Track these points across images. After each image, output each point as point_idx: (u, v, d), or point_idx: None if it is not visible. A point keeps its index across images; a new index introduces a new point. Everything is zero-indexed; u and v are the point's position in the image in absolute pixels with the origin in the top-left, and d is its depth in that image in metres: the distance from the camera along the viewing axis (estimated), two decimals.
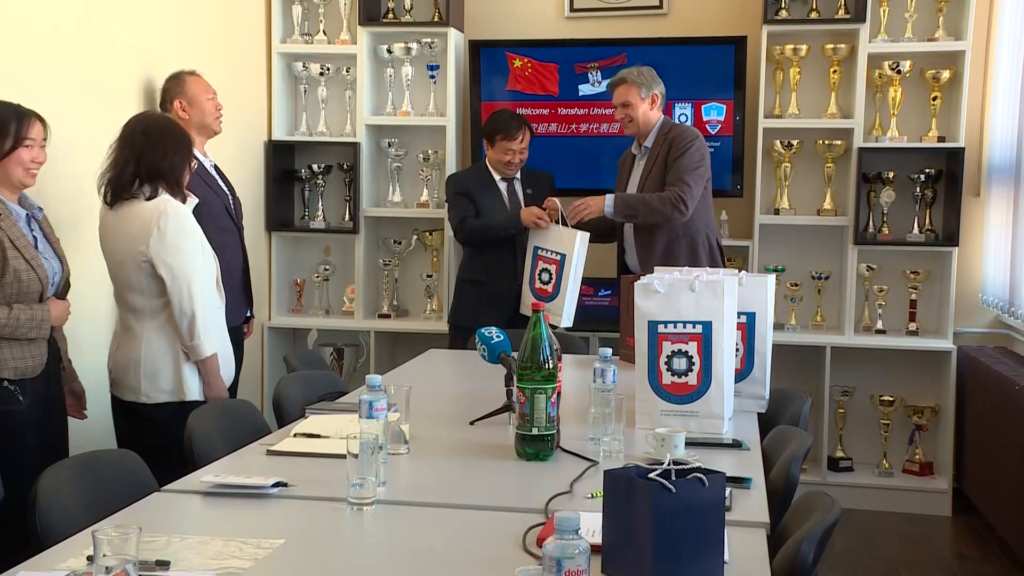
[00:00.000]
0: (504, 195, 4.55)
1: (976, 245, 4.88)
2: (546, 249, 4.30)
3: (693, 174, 4.08)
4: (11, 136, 2.84)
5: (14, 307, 2.81)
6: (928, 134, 4.81)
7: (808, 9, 4.89)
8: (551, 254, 4.28)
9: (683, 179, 4.07)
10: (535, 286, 4.33)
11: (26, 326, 2.83)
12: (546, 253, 4.30)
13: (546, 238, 4.30)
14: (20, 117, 2.87)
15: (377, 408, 2.20)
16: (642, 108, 4.21)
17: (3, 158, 2.84)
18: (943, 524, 4.67)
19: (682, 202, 4.05)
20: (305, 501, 2.15)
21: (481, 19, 5.29)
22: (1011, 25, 4.58)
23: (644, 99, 4.21)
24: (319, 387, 3.27)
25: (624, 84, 4.24)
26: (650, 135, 4.25)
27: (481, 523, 2.04)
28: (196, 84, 3.93)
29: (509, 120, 4.50)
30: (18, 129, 2.86)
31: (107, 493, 2.16)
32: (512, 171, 4.54)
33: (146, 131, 3.13)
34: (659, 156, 4.19)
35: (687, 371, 2.77)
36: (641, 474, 1.68)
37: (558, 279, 4.24)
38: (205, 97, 3.93)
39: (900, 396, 4.92)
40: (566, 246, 4.21)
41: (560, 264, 4.24)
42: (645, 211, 4.11)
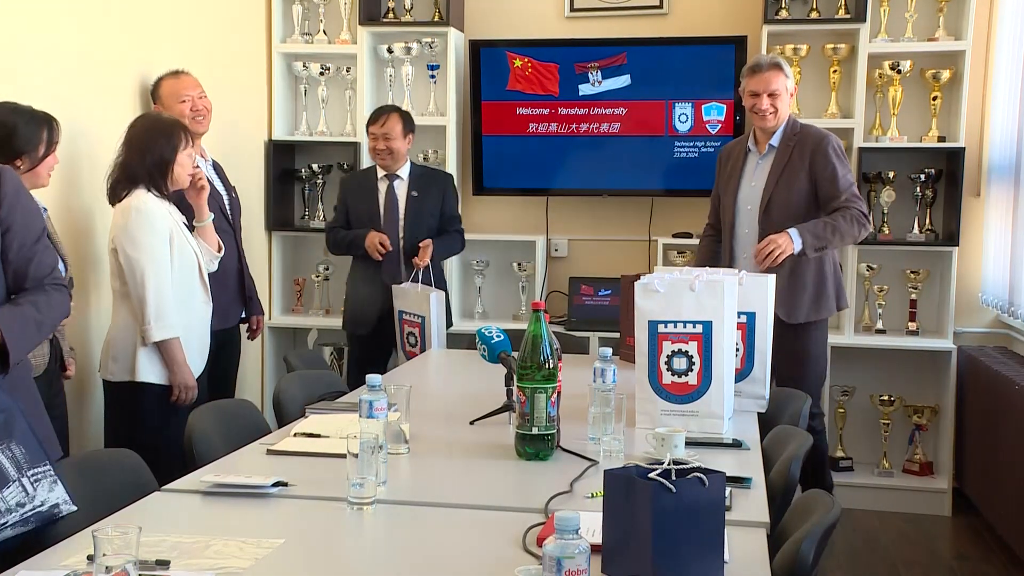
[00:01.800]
0: (381, 196, 4.48)
1: (976, 245, 4.88)
2: (408, 312, 4.31)
3: (855, 187, 3.86)
4: (44, 142, 2.95)
5: None
6: (928, 134, 4.81)
7: (808, 9, 4.89)
8: (413, 317, 4.29)
9: (853, 192, 3.81)
10: (405, 349, 4.35)
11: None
12: (409, 316, 4.31)
13: (406, 300, 4.32)
14: (50, 123, 2.97)
15: (377, 408, 2.20)
16: (786, 100, 3.93)
17: (37, 165, 2.93)
18: (943, 524, 4.67)
19: (865, 217, 3.79)
20: (305, 501, 2.15)
21: (481, 19, 5.29)
22: (1011, 25, 4.57)
23: (789, 91, 3.93)
24: (319, 387, 3.27)
25: (776, 70, 3.89)
26: (776, 133, 3.95)
27: (481, 523, 2.04)
28: (168, 86, 3.90)
29: (382, 107, 4.56)
30: (50, 136, 2.97)
31: (107, 492, 2.16)
32: (384, 160, 4.46)
33: (132, 135, 3.31)
34: (792, 160, 3.88)
35: (687, 371, 2.77)
36: (641, 474, 1.67)
37: (422, 340, 4.25)
38: (176, 100, 3.86)
39: (900, 396, 4.92)
40: (423, 307, 4.22)
41: (422, 326, 4.24)
42: (836, 238, 3.77)
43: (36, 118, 2.96)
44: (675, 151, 4.97)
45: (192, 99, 3.89)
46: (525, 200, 5.28)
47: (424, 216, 4.47)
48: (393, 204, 4.46)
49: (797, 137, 3.91)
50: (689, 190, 5.01)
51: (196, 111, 3.88)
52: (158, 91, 3.92)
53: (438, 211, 4.53)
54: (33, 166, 2.93)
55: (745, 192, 4.00)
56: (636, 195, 5.09)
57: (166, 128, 3.33)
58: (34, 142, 2.92)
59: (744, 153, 4.04)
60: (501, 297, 5.33)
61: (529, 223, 5.29)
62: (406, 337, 4.32)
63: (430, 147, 5.21)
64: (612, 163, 5.04)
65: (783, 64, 3.93)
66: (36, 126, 2.94)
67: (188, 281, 3.34)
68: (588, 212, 5.24)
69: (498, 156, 5.16)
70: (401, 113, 4.48)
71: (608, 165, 5.04)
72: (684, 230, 5.02)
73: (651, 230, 5.11)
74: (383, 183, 4.49)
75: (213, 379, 3.56)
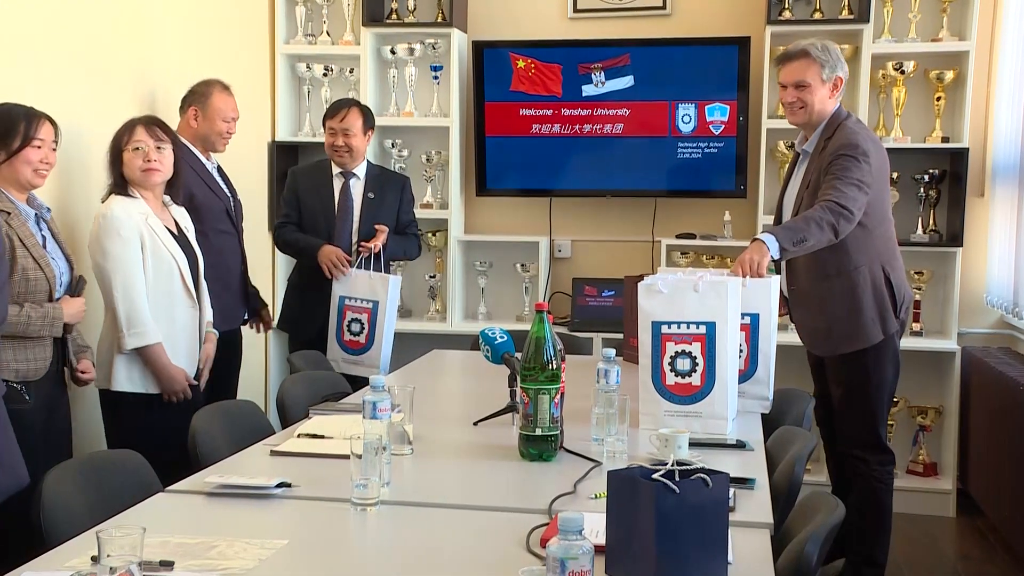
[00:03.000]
0: (335, 194, 4.23)
1: (980, 245, 4.87)
2: (354, 298, 4.07)
3: (846, 181, 3.26)
4: (20, 135, 2.88)
5: (25, 305, 2.83)
6: (932, 134, 4.80)
7: (812, 10, 4.89)
8: (361, 302, 4.06)
9: (833, 185, 3.26)
10: (343, 339, 4.09)
11: (37, 324, 2.84)
12: (354, 302, 4.07)
13: (352, 286, 4.07)
14: (29, 117, 2.92)
15: (381, 409, 2.20)
16: (820, 93, 3.43)
17: (11, 157, 2.87)
18: (947, 525, 4.66)
19: (840, 207, 3.21)
20: (309, 502, 2.16)
21: (484, 20, 5.29)
22: (1015, 25, 4.57)
23: (826, 82, 3.43)
24: (323, 388, 3.28)
25: (804, 59, 3.43)
26: (816, 132, 3.49)
27: (485, 524, 2.04)
28: (221, 100, 3.86)
29: (341, 101, 4.34)
30: (27, 129, 2.90)
31: (111, 493, 2.16)
32: (342, 158, 4.20)
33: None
34: (819, 166, 3.40)
35: (691, 372, 2.77)
36: (645, 475, 1.67)
37: (371, 328, 4.03)
38: (221, 117, 3.84)
39: (904, 396, 4.91)
40: (378, 292, 4.03)
41: (373, 312, 4.03)
42: (813, 228, 3.19)
43: (16, 110, 2.91)
44: (678, 152, 4.96)
45: (232, 123, 3.91)
46: (528, 201, 5.28)
47: (380, 219, 4.21)
48: (348, 204, 4.22)
49: (827, 143, 3.42)
50: (692, 191, 5.01)
51: (231, 134, 3.92)
52: (206, 98, 3.85)
53: (395, 215, 4.29)
54: (8, 157, 2.87)
55: (789, 195, 3.64)
56: (639, 196, 5.09)
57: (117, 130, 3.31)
58: (11, 133, 2.87)
59: (797, 155, 3.67)
60: (504, 298, 5.33)
61: (532, 224, 5.29)
62: (347, 325, 4.08)
63: (433, 148, 5.21)
64: (615, 164, 5.04)
65: (816, 50, 3.43)
66: (14, 118, 2.90)
67: (167, 287, 3.28)
68: (591, 213, 5.24)
69: (501, 157, 5.16)
70: (361, 108, 4.26)
71: (611, 166, 5.04)
72: (687, 231, 5.01)
73: (654, 231, 5.11)
74: (338, 180, 4.24)
75: (215, 381, 3.55)
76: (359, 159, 4.26)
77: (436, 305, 5.26)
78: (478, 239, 5.27)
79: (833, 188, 3.25)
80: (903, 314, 3.54)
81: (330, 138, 4.21)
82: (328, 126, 4.22)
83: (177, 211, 3.43)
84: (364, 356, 4.07)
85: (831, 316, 3.48)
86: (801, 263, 3.47)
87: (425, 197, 5.22)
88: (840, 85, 3.48)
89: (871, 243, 3.42)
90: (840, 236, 3.24)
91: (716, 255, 4.98)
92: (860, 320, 3.44)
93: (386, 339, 4.07)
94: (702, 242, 4.96)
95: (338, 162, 4.22)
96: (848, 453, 3.59)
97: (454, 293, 5.16)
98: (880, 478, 3.59)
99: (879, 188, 3.41)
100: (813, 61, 3.42)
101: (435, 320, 5.22)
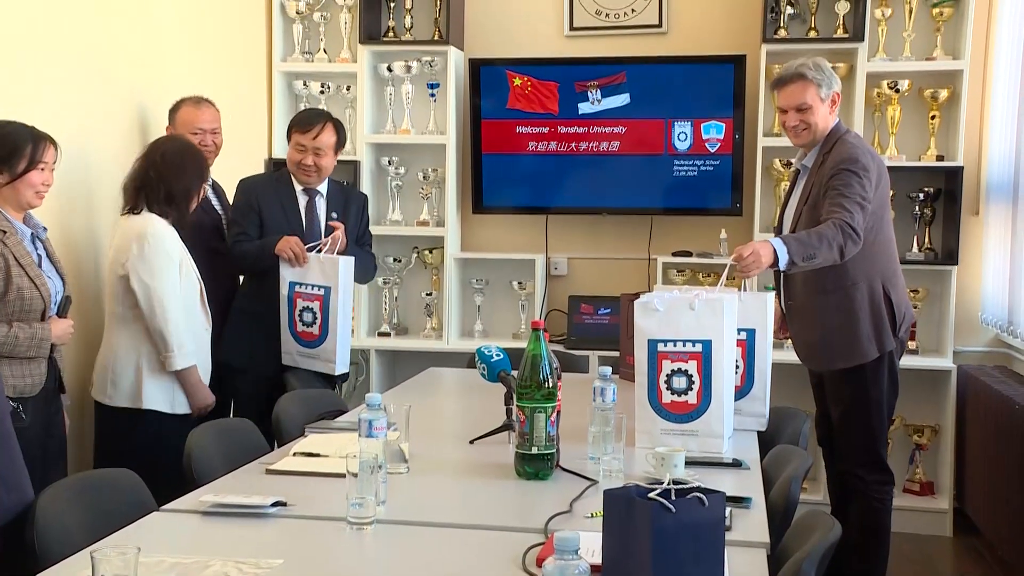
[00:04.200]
0: (301, 213, 3.88)
1: (975, 264, 4.88)
2: (305, 284, 3.74)
3: (851, 200, 3.24)
4: (26, 158, 2.90)
5: (14, 325, 2.83)
6: (927, 153, 4.82)
7: (807, 28, 4.91)
8: (312, 288, 3.72)
9: (840, 204, 3.24)
10: (296, 330, 3.77)
11: (24, 344, 2.85)
12: (305, 288, 3.74)
13: (303, 271, 3.73)
14: (36, 140, 2.93)
15: (377, 427, 2.19)
16: (821, 112, 3.43)
17: (16, 179, 2.90)
18: (944, 544, 4.65)
19: (851, 228, 3.19)
20: (304, 521, 2.15)
21: (481, 37, 5.31)
22: (1008, 44, 4.59)
23: (824, 100, 3.44)
24: (319, 406, 3.27)
25: (800, 81, 3.43)
26: (815, 148, 3.49)
27: (481, 543, 2.03)
28: (186, 114, 3.86)
29: (311, 112, 4.00)
30: (33, 152, 2.92)
31: (106, 513, 2.15)
32: (309, 177, 3.85)
33: (164, 154, 3.38)
34: (817, 183, 3.40)
35: (687, 390, 2.77)
36: (641, 494, 1.67)
37: (324, 316, 3.70)
38: (187, 131, 3.80)
39: (900, 415, 4.90)
40: (328, 276, 3.69)
41: (325, 299, 3.70)
42: (824, 246, 3.15)
43: (23, 132, 2.92)
44: (674, 169, 4.98)
45: (204, 134, 3.84)
46: (525, 218, 5.29)
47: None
48: (315, 225, 3.89)
49: (826, 158, 3.42)
50: (688, 208, 5.02)
51: (204, 146, 3.79)
52: (175, 114, 3.87)
53: (355, 234, 4.01)
54: (12, 179, 2.88)
55: (788, 211, 3.62)
56: (635, 213, 5.10)
57: (199, 160, 3.46)
58: (17, 155, 2.88)
59: (797, 171, 3.68)
60: (501, 316, 5.33)
61: (529, 241, 5.30)
62: (299, 315, 3.74)
63: (430, 165, 5.22)
64: (611, 181, 5.05)
65: (810, 71, 3.43)
66: (21, 140, 2.90)
67: (192, 306, 3.39)
68: (588, 230, 5.25)
69: (498, 174, 5.17)
70: (335, 124, 3.89)
71: (608, 183, 5.05)
72: (683, 248, 5.02)
73: (650, 248, 5.11)
74: (302, 198, 3.90)
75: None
76: (325, 178, 3.94)
77: (432, 323, 5.26)
78: (474, 256, 5.27)
79: (840, 207, 3.23)
80: (902, 333, 3.52)
81: (297, 154, 3.83)
82: (296, 140, 3.84)
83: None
84: (319, 349, 3.74)
85: (827, 331, 3.48)
86: (799, 278, 3.46)
87: (422, 215, 5.23)
88: (838, 100, 3.50)
89: (869, 259, 3.39)
90: (845, 258, 3.23)
91: (712, 273, 4.99)
92: (855, 336, 3.43)
93: (340, 329, 3.72)
94: (698, 260, 4.97)
95: (302, 180, 3.87)
96: (847, 472, 3.59)
97: (450, 311, 5.16)
98: (879, 498, 3.59)
99: (878, 204, 3.40)
100: (810, 82, 3.42)
101: (431, 338, 5.21)
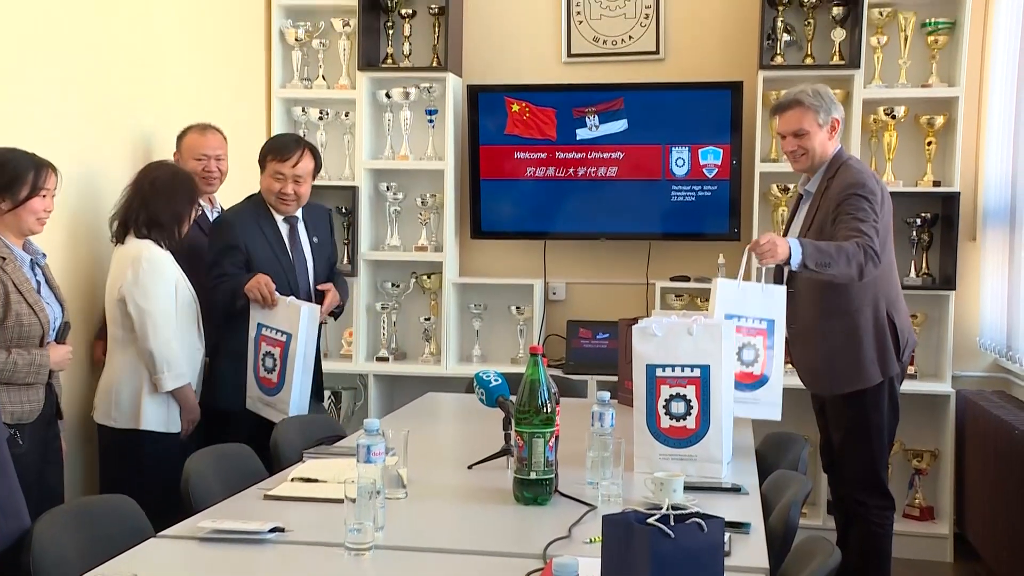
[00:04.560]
0: (286, 244, 3.76)
1: (973, 289, 4.89)
2: (270, 328, 3.56)
3: (869, 223, 3.28)
4: (28, 185, 2.93)
5: (12, 351, 2.84)
6: (924, 179, 4.84)
7: (803, 55, 4.94)
8: (276, 334, 3.55)
9: (858, 228, 3.26)
10: (259, 374, 3.59)
11: (23, 371, 2.86)
12: (270, 333, 3.56)
13: (271, 314, 3.56)
14: (38, 167, 2.96)
15: (375, 452, 2.18)
16: (819, 137, 3.48)
17: (18, 206, 2.92)
18: (945, 570, 4.63)
19: (875, 252, 3.23)
20: (302, 546, 2.14)
21: (479, 64, 5.34)
22: (1003, 71, 4.62)
23: (823, 126, 3.49)
24: (317, 431, 3.26)
25: (798, 108, 3.50)
26: (817, 175, 3.53)
27: (479, 568, 2.02)
28: (192, 140, 3.90)
29: (287, 139, 3.85)
30: (35, 179, 2.94)
31: (103, 539, 2.15)
32: (288, 206, 3.72)
33: (153, 181, 3.44)
34: (821, 209, 3.45)
35: (685, 415, 2.77)
36: (639, 519, 1.67)
37: (283, 364, 3.50)
38: (192, 156, 3.85)
39: (899, 440, 4.89)
40: (291, 322, 3.50)
41: (285, 346, 3.51)
42: (843, 261, 3.18)
43: (25, 160, 2.94)
44: (672, 195, 4.99)
45: (209, 160, 3.88)
46: (523, 244, 5.30)
47: (324, 262, 3.90)
48: (299, 253, 3.79)
49: (830, 183, 3.46)
50: (686, 234, 5.03)
51: (209, 172, 3.86)
52: (182, 140, 3.92)
53: (328, 254, 3.96)
54: (14, 206, 2.90)
55: (791, 235, 3.53)
56: (633, 239, 5.11)
57: (188, 183, 3.54)
58: (19, 183, 2.90)
59: (800, 196, 3.70)
60: (499, 341, 5.33)
61: (527, 266, 5.31)
62: (262, 359, 3.58)
63: (428, 191, 5.23)
64: (609, 207, 5.06)
65: (808, 97, 3.49)
66: (23, 168, 2.92)
67: (188, 327, 3.46)
68: (586, 256, 5.26)
69: (496, 200, 5.19)
70: (312, 150, 3.78)
71: (605, 209, 5.07)
72: (681, 273, 5.03)
73: (648, 273, 5.12)
74: (283, 227, 3.77)
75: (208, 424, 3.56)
76: (302, 206, 3.80)
77: (431, 348, 5.26)
78: (473, 282, 5.28)
79: (859, 230, 3.25)
80: (905, 357, 3.55)
81: (276, 183, 3.67)
82: (274, 169, 3.68)
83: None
84: (275, 398, 3.53)
85: (830, 355, 3.49)
86: (803, 301, 3.48)
87: (420, 240, 5.24)
88: (838, 127, 3.53)
89: (874, 283, 3.40)
90: (864, 278, 3.25)
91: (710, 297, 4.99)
92: (859, 360, 3.45)
93: (296, 381, 3.50)
94: (696, 284, 4.98)
95: (281, 209, 3.73)
96: (848, 496, 3.58)
97: (448, 336, 5.16)
98: (879, 523, 3.60)
99: (883, 229, 3.42)
100: (807, 108, 3.48)
101: (429, 363, 5.21)
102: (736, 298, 3.16)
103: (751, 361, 2.96)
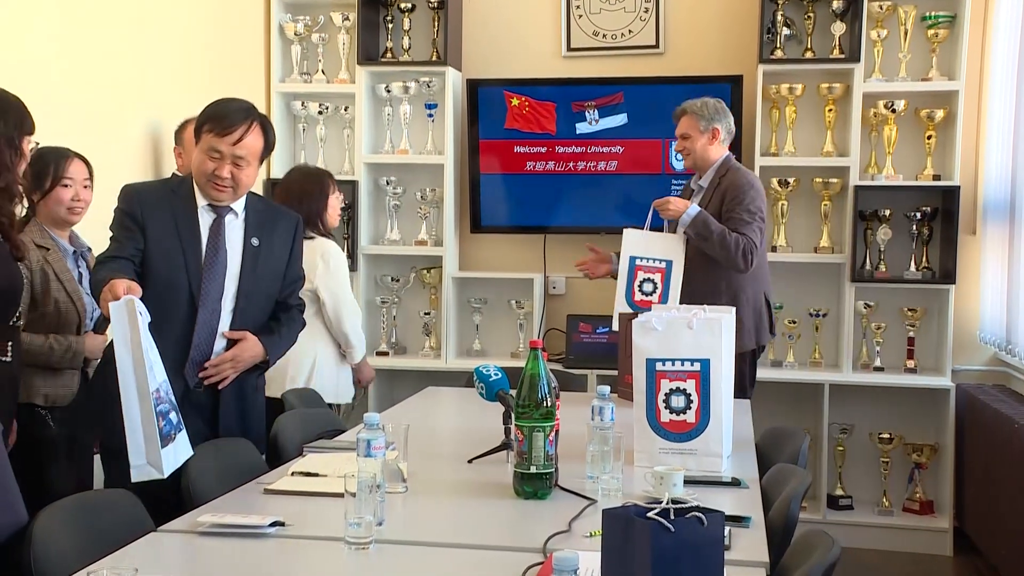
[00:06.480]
0: (203, 235, 2.84)
1: (973, 283, 4.89)
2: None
3: (752, 227, 3.93)
4: (50, 176, 3.07)
5: (50, 337, 2.98)
6: (923, 172, 4.84)
7: (803, 49, 4.94)
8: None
9: (744, 231, 3.91)
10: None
11: (59, 355, 2.99)
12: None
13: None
14: (59, 158, 3.10)
15: (375, 446, 2.19)
16: (700, 142, 4.10)
17: (44, 196, 3.06)
18: (944, 564, 4.64)
19: (751, 254, 3.90)
20: (302, 541, 2.14)
21: (479, 58, 5.33)
22: (1003, 64, 4.62)
23: (704, 132, 4.09)
24: (317, 425, 3.26)
25: (685, 115, 4.14)
26: (708, 173, 4.12)
27: (479, 562, 2.02)
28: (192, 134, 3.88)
29: (232, 106, 2.87)
30: (56, 169, 3.08)
31: (103, 533, 2.14)
32: (220, 193, 2.84)
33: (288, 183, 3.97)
34: (712, 200, 4.05)
35: (685, 409, 2.77)
36: (640, 513, 1.67)
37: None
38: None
39: (899, 434, 4.90)
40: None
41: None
42: (719, 243, 3.91)
43: (50, 153, 3.09)
44: (672, 189, 4.98)
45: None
46: (523, 238, 5.30)
47: (264, 277, 2.95)
48: (220, 251, 2.86)
49: (721, 180, 4.05)
50: None
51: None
52: (182, 134, 3.90)
53: (282, 272, 3.01)
54: (42, 197, 3.06)
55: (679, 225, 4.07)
56: None
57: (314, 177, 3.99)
58: (44, 174, 3.05)
59: (691, 190, 4.24)
60: (499, 335, 5.33)
61: (527, 261, 5.31)
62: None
63: (427, 185, 5.23)
64: (609, 201, 5.06)
65: (691, 107, 4.11)
66: (47, 160, 3.08)
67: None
68: (586, 249, 5.24)
69: (495, 194, 5.19)
70: (264, 125, 2.89)
71: (605, 203, 5.07)
72: None
73: None
74: (206, 215, 2.87)
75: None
76: (242, 196, 2.92)
77: (430, 342, 5.26)
78: (472, 276, 5.28)
79: (746, 235, 3.89)
80: (775, 332, 4.26)
81: (210, 162, 2.81)
82: (210, 144, 2.81)
83: None
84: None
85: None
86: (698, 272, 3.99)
87: (420, 234, 5.24)
88: (718, 135, 4.10)
89: (753, 275, 4.00)
90: (729, 267, 3.91)
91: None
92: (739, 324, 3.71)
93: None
94: None
95: (212, 196, 2.85)
96: None
97: (448, 330, 5.16)
98: None
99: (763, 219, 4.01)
100: (692, 116, 4.11)
101: (429, 357, 5.21)
102: (641, 243, 4.05)
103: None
